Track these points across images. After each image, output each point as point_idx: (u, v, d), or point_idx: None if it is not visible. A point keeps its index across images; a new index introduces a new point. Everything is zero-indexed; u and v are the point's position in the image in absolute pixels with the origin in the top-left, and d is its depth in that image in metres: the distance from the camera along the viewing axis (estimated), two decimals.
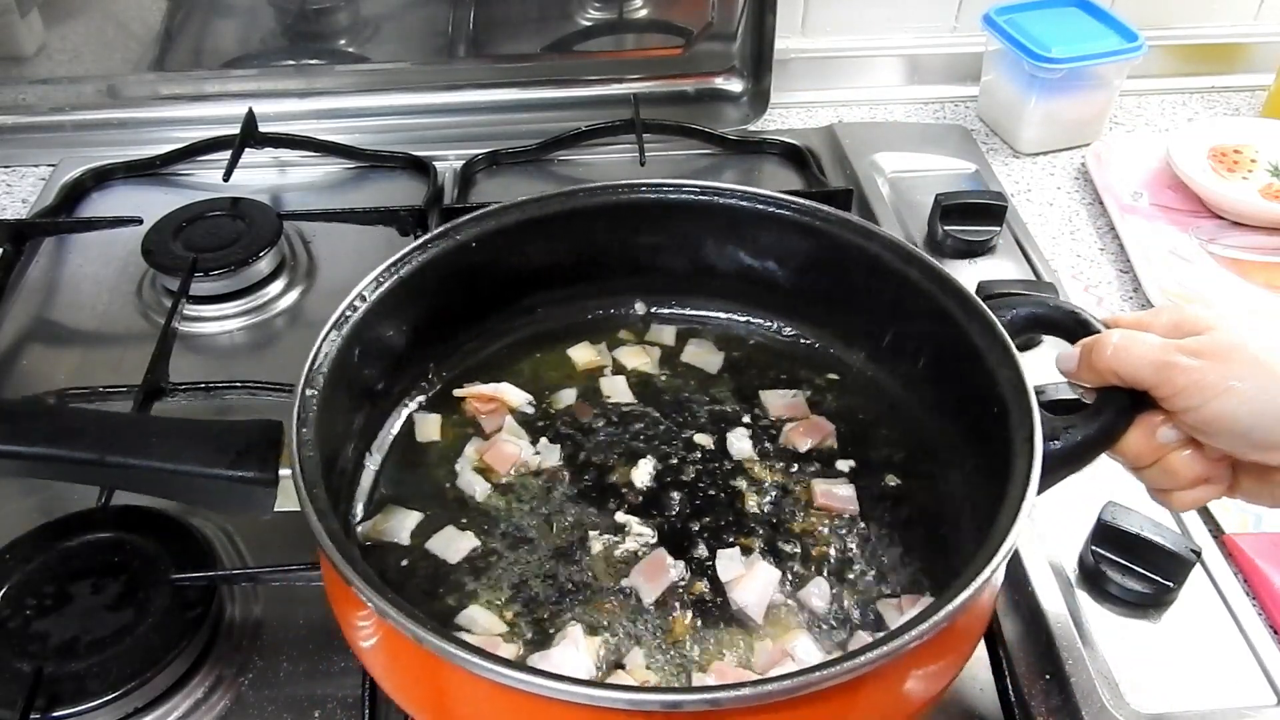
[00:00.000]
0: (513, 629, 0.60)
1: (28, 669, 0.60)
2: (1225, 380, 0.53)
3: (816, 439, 0.71)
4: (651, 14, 1.22)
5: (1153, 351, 0.55)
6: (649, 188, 0.75)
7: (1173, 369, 0.54)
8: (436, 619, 0.47)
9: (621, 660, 0.58)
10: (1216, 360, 0.53)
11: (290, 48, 1.19)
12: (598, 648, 0.59)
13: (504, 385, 0.74)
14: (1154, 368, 0.55)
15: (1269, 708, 0.63)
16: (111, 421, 0.58)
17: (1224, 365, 0.53)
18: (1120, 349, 0.56)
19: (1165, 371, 0.54)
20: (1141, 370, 0.55)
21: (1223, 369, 0.53)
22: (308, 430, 0.57)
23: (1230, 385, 0.53)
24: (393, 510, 0.67)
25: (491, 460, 0.70)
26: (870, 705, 0.50)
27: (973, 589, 0.48)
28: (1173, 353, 0.54)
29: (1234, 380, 0.53)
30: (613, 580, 0.63)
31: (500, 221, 0.72)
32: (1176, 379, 0.54)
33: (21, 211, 1.08)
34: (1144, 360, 0.55)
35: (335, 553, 0.49)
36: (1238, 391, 0.52)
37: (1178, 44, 1.28)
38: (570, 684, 0.45)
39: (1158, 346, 0.55)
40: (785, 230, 0.74)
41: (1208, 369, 0.53)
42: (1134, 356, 0.56)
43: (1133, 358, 0.56)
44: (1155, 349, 0.55)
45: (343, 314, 0.64)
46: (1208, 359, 0.54)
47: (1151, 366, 0.55)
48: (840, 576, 0.63)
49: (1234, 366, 0.53)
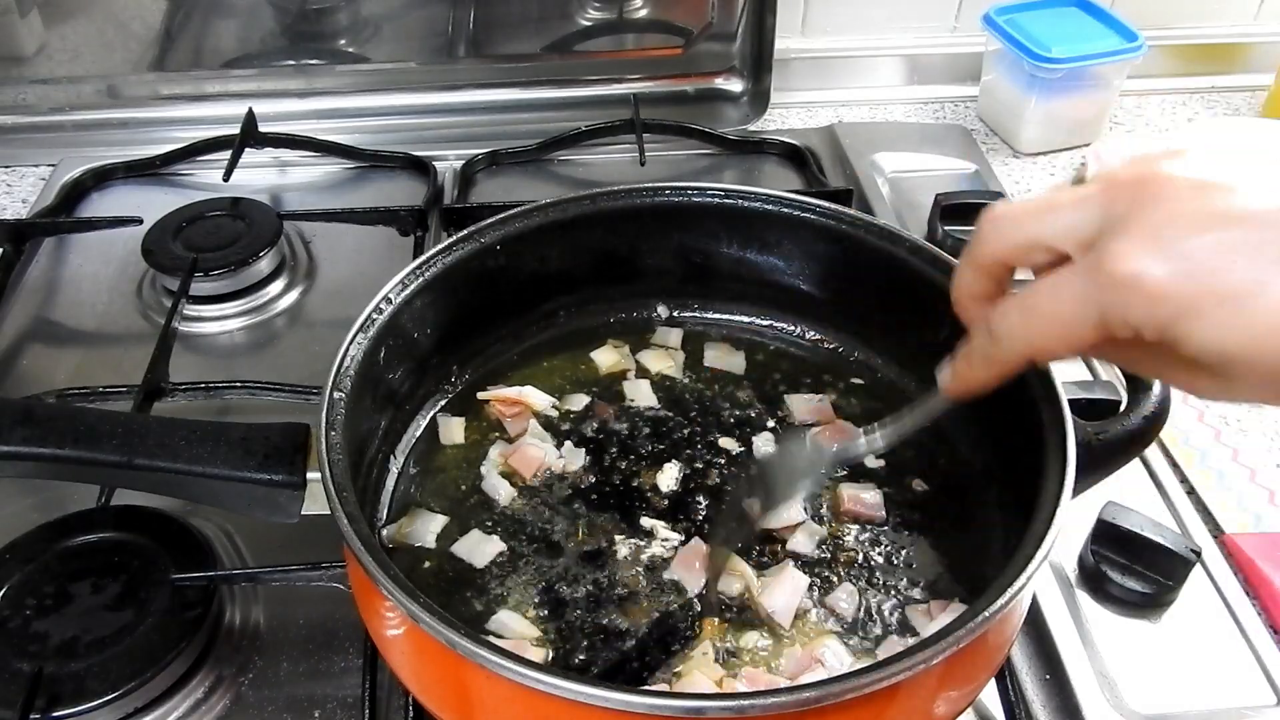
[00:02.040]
0: (543, 633, 0.60)
1: (28, 669, 0.60)
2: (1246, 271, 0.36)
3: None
4: (651, 14, 1.22)
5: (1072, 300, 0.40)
6: (673, 191, 0.75)
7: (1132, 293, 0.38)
8: (465, 623, 0.47)
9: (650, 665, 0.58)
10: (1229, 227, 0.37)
11: (290, 48, 1.19)
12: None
13: (528, 389, 0.74)
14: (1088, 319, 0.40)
15: (1269, 708, 0.63)
16: (136, 424, 0.57)
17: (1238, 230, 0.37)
18: (1018, 325, 0.43)
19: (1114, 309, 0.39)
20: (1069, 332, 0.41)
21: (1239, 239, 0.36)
22: (336, 433, 0.57)
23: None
24: (417, 513, 0.67)
25: (516, 464, 0.70)
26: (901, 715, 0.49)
27: (1011, 593, 0.47)
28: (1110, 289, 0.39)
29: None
30: (641, 584, 0.62)
31: (523, 225, 0.73)
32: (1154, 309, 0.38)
33: (21, 211, 1.08)
34: (1064, 317, 0.41)
35: (367, 557, 0.49)
36: None
37: (1178, 44, 1.27)
38: (598, 689, 0.44)
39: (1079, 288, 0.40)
40: (808, 234, 0.74)
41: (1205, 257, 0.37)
42: (1045, 323, 0.42)
43: (1044, 325, 0.42)
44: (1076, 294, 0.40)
45: (369, 316, 0.64)
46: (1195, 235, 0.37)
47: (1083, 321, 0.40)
48: (869, 582, 0.63)
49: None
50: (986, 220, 0.45)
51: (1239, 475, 0.79)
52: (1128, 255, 0.38)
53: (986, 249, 0.45)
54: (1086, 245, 0.40)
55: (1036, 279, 0.43)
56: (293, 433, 0.58)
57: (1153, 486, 0.76)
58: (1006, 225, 0.44)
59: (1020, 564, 0.49)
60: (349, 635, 0.66)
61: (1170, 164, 0.40)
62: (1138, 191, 0.39)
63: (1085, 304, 0.40)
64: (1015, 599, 0.48)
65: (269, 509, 0.58)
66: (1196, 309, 0.37)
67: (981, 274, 0.46)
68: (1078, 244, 0.41)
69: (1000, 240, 0.44)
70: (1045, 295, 0.42)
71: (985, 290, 0.47)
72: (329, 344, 0.63)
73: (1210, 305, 0.37)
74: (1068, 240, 0.41)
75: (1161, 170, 0.39)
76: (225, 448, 0.57)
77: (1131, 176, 0.40)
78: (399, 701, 0.62)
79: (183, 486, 0.57)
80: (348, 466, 0.56)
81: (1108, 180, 0.41)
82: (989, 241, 0.45)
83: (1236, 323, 0.37)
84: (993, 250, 0.45)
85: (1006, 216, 0.44)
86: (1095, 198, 0.41)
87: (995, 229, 0.45)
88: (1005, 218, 0.44)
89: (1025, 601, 0.56)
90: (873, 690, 0.45)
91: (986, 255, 0.45)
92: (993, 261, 0.45)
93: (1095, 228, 0.40)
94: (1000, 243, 0.44)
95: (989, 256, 0.45)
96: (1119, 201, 0.40)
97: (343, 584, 0.65)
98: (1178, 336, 0.38)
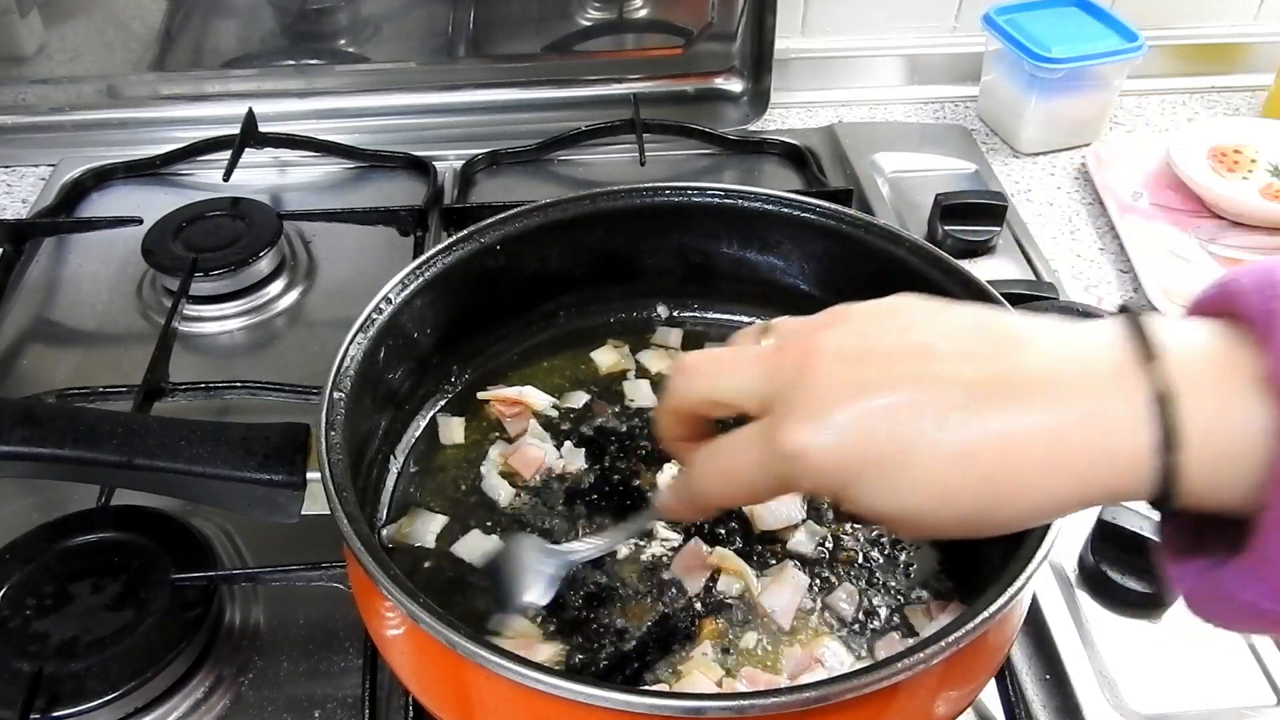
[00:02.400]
0: (543, 633, 0.60)
1: (28, 669, 0.60)
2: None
3: None
4: (651, 14, 1.22)
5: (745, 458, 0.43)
6: (673, 191, 0.75)
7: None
8: (464, 623, 0.47)
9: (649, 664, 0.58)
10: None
11: (290, 48, 1.19)
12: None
13: (527, 389, 0.74)
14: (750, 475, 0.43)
15: (1269, 708, 0.63)
16: (136, 424, 0.57)
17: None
18: (711, 479, 0.46)
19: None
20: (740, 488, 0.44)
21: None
22: (336, 433, 0.57)
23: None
24: (417, 513, 0.67)
25: (516, 464, 0.70)
26: (901, 715, 0.49)
27: (1011, 593, 0.47)
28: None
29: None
30: (640, 584, 0.62)
31: (523, 225, 0.72)
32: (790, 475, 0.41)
33: (21, 211, 1.08)
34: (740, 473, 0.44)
35: (367, 557, 0.49)
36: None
37: (1178, 44, 1.28)
38: (598, 689, 0.44)
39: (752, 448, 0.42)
40: (808, 234, 0.74)
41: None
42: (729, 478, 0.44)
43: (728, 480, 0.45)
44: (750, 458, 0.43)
45: (369, 316, 0.64)
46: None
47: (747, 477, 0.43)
48: (868, 582, 0.63)
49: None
50: (676, 370, 0.47)
51: None
52: (792, 431, 0.40)
53: (674, 400, 0.47)
54: (763, 405, 0.42)
55: (723, 436, 0.45)
56: (293, 433, 0.58)
57: None
58: (693, 379, 0.46)
59: (1020, 564, 0.49)
60: (349, 635, 0.66)
61: (825, 335, 0.42)
62: (799, 362, 0.41)
63: (764, 470, 0.42)
64: (1015, 599, 0.48)
65: (269, 509, 0.58)
66: (857, 478, 0.39)
67: (675, 421, 0.48)
68: (754, 403, 0.43)
69: (687, 393, 0.46)
70: (728, 457, 0.44)
71: (684, 434, 0.49)
72: (329, 344, 0.63)
73: (871, 473, 0.39)
74: (744, 399, 0.43)
75: (818, 341, 0.41)
76: (225, 448, 0.57)
77: (795, 347, 0.42)
78: (399, 701, 0.62)
79: (183, 486, 0.57)
80: (348, 466, 0.55)
81: (779, 347, 0.44)
82: (677, 393, 0.47)
83: (897, 486, 0.39)
84: (680, 402, 0.47)
85: (693, 370, 0.46)
86: (766, 361, 0.43)
87: (684, 381, 0.47)
88: (691, 371, 0.46)
89: (1025, 601, 0.56)
90: (873, 690, 0.44)
91: (676, 405, 0.48)
92: (683, 411, 0.47)
93: (768, 390, 0.42)
94: (687, 395, 0.47)
95: (679, 407, 0.48)
96: (785, 369, 0.42)
97: (343, 584, 0.65)
98: (848, 500, 0.40)
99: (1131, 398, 0.36)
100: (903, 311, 0.42)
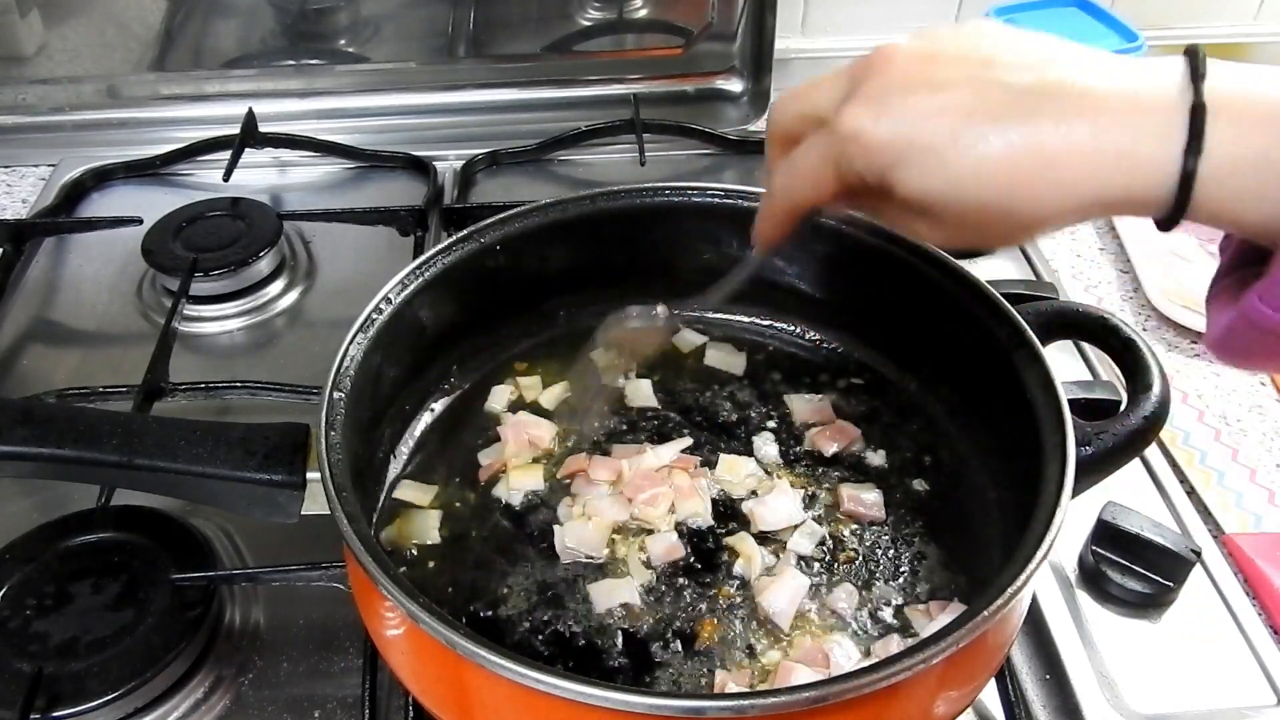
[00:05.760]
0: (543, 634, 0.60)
1: (28, 669, 0.60)
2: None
3: (842, 443, 0.70)
4: (651, 14, 1.22)
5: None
6: (673, 191, 0.75)
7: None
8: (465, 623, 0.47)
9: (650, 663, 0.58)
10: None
11: (290, 48, 1.19)
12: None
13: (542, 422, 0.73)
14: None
15: (1269, 708, 0.63)
16: (136, 424, 0.57)
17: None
18: (781, 180, 0.52)
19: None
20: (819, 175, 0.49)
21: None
22: (336, 433, 0.57)
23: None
24: (416, 513, 0.67)
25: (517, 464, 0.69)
26: (901, 715, 0.49)
27: (1011, 593, 0.47)
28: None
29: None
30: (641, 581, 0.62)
31: (523, 224, 0.72)
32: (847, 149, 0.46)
33: (21, 211, 1.08)
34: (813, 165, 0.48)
35: (367, 557, 0.49)
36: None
37: (1178, 44, 1.26)
38: (598, 689, 0.44)
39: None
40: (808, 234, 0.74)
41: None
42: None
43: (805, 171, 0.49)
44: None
45: (369, 316, 0.64)
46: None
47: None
48: (868, 582, 0.63)
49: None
50: (774, 104, 0.54)
51: (1239, 475, 0.79)
52: (853, 115, 0.45)
53: (772, 126, 0.53)
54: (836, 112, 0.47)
55: None
56: (293, 433, 0.58)
57: (1153, 486, 0.76)
58: (786, 104, 0.52)
59: (1020, 564, 0.49)
60: (349, 635, 0.66)
61: (909, 42, 0.46)
62: (873, 64, 0.46)
63: (825, 158, 0.47)
64: (1015, 599, 0.48)
65: (269, 509, 0.58)
66: (905, 159, 0.44)
67: (774, 147, 0.53)
68: (831, 112, 0.47)
69: (781, 117, 0.52)
70: (799, 155, 0.50)
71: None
72: (329, 344, 0.63)
73: (915, 155, 0.44)
74: (825, 109, 0.48)
75: (896, 46, 0.46)
76: (225, 448, 0.57)
77: (874, 54, 0.47)
78: (399, 701, 0.62)
79: (183, 486, 0.57)
80: (348, 466, 0.55)
81: (859, 59, 0.48)
82: (774, 120, 0.53)
83: (935, 170, 0.43)
84: (775, 126, 0.53)
85: (786, 98, 0.52)
86: (845, 73, 0.48)
87: (779, 109, 0.53)
88: (785, 99, 0.52)
89: (1025, 601, 0.56)
90: (873, 690, 0.44)
91: (773, 130, 0.53)
92: (779, 134, 0.52)
93: (843, 97, 0.47)
94: (781, 119, 0.52)
95: (775, 131, 0.53)
96: (858, 74, 0.46)
97: (343, 584, 0.65)
98: (892, 182, 0.45)
99: (1170, 109, 0.40)
100: (981, 30, 0.46)
